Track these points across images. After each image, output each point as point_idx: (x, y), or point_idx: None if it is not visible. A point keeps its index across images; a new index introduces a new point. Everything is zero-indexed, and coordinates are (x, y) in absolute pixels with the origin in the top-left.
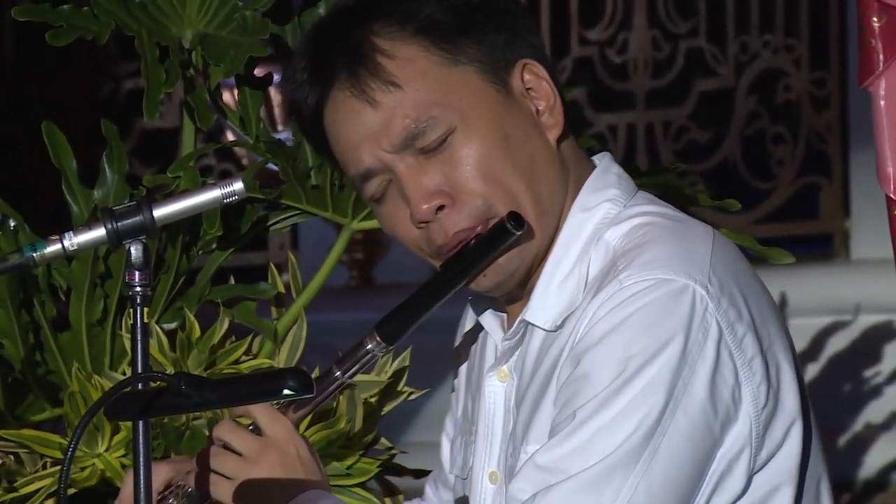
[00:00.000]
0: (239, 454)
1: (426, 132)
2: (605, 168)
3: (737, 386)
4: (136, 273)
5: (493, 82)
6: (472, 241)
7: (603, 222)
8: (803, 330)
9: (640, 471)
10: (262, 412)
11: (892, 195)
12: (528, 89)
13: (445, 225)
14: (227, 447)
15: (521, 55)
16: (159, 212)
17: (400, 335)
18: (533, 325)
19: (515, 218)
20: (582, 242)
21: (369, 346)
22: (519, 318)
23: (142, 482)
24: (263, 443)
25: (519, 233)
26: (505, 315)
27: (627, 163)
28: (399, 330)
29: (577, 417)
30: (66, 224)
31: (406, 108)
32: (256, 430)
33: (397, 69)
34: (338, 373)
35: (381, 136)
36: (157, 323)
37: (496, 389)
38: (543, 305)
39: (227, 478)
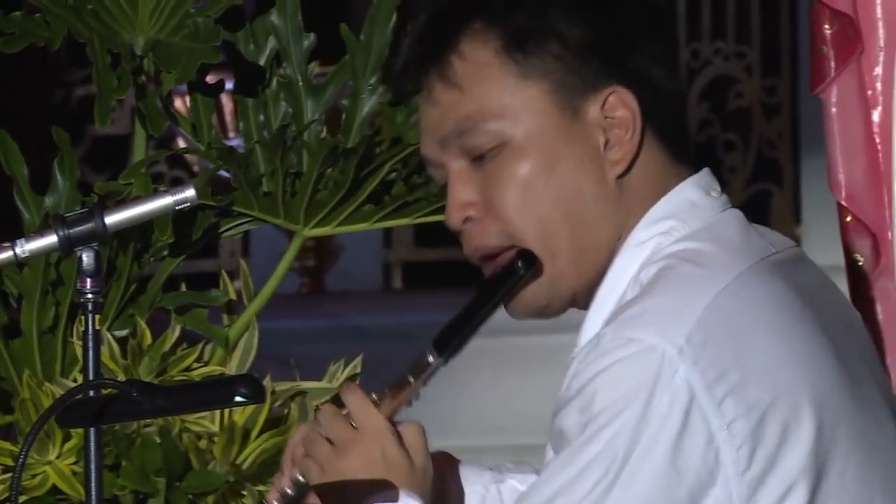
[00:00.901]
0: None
1: (472, 138)
2: (676, 193)
3: (710, 449)
4: (88, 280)
5: (562, 106)
6: (498, 271)
7: (649, 259)
8: None
9: None
10: (354, 402)
11: (843, 202)
12: (607, 118)
13: (471, 237)
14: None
15: (614, 81)
16: (111, 219)
17: (453, 350)
18: None
19: (525, 258)
20: (627, 280)
21: (430, 360)
22: (574, 351)
23: (93, 489)
24: (353, 436)
25: (525, 273)
26: None
27: None
28: (452, 344)
29: (545, 472)
30: (17, 231)
31: (461, 109)
32: None
33: (464, 71)
34: (411, 378)
35: (435, 131)
36: (108, 330)
37: None
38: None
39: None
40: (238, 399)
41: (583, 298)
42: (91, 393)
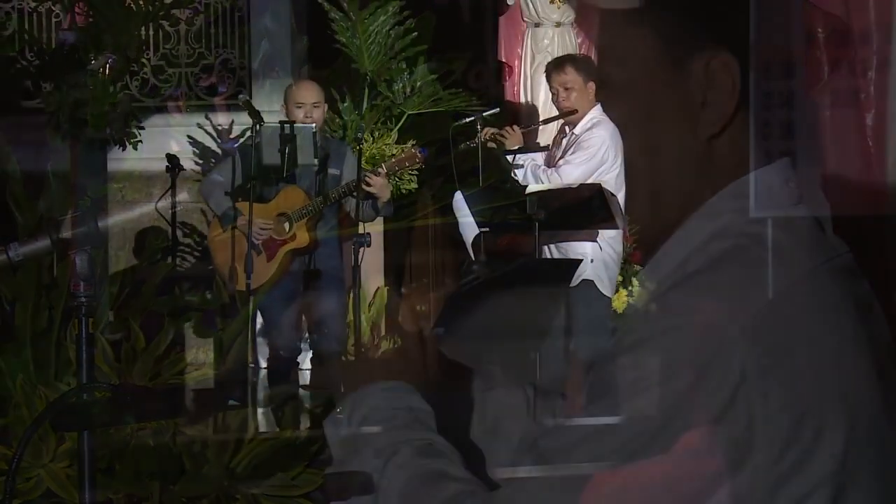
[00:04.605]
0: None
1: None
2: (760, 175)
3: (746, 434)
4: (82, 283)
5: (669, 56)
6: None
7: (721, 231)
8: None
9: None
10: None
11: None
12: (709, 79)
13: None
14: None
15: (723, 46)
16: (104, 222)
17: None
18: None
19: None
20: (692, 246)
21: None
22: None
23: (87, 492)
24: None
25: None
26: None
27: None
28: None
29: (588, 409)
30: (11, 234)
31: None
32: None
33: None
34: None
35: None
36: (102, 333)
37: None
38: None
39: None
40: (231, 402)
41: (648, 250)
42: (85, 396)
